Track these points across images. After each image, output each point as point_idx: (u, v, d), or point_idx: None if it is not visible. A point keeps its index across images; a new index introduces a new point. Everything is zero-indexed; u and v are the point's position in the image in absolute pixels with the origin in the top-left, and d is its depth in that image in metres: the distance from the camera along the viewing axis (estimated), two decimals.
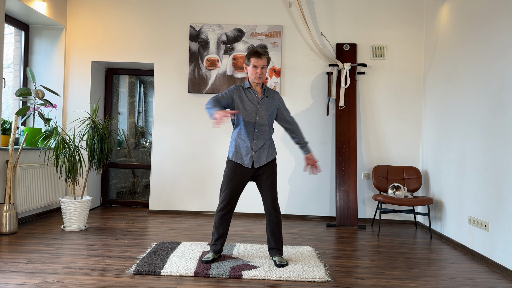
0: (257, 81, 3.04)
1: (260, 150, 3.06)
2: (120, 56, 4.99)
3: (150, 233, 3.95)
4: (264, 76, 3.05)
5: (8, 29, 4.69)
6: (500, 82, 3.23)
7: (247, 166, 3.04)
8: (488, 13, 3.47)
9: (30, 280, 2.59)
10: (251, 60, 3.00)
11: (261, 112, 3.04)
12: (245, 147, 3.04)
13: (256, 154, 3.05)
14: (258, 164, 3.05)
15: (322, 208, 4.90)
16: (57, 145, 3.93)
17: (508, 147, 3.09)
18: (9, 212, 3.73)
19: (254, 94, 3.06)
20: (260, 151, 3.06)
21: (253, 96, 3.06)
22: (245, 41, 4.91)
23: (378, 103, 4.89)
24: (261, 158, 3.06)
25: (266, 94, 3.09)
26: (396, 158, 4.87)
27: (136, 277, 2.74)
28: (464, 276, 2.99)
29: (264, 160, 3.07)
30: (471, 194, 3.61)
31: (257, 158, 3.05)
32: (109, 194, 5.45)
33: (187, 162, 4.97)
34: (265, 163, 3.07)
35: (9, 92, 4.70)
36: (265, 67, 3.03)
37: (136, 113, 5.51)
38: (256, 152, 3.04)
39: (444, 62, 4.27)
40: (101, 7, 4.99)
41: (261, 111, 3.04)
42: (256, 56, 2.99)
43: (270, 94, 3.11)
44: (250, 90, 3.07)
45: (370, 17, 4.91)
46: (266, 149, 3.08)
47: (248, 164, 3.03)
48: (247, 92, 3.07)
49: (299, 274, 2.82)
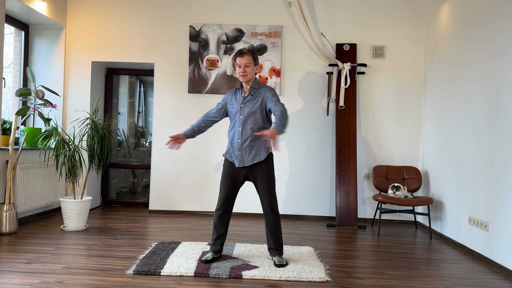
0: (242, 80, 3.07)
1: (244, 150, 3.04)
2: (120, 56, 4.99)
3: (150, 233, 3.95)
4: (249, 74, 3.05)
5: (8, 29, 4.69)
6: (500, 82, 3.23)
7: (237, 166, 3.06)
8: (488, 13, 3.47)
9: (30, 280, 2.59)
10: (236, 60, 3.07)
11: (244, 110, 3.07)
12: (233, 146, 3.09)
13: (240, 153, 3.05)
14: (242, 164, 3.04)
15: (322, 208, 4.90)
16: (57, 145, 3.93)
17: (508, 147, 3.09)
18: (9, 212, 3.73)
19: (241, 94, 3.12)
20: (244, 150, 3.04)
21: (240, 96, 3.12)
22: (245, 41, 4.91)
23: (378, 103, 4.89)
24: (245, 158, 3.04)
25: (251, 92, 3.10)
26: (396, 158, 4.87)
27: (136, 277, 2.74)
28: (464, 276, 2.99)
29: (249, 160, 3.03)
30: (471, 194, 3.61)
31: (241, 158, 3.05)
32: (109, 194, 5.45)
33: (187, 162, 4.97)
34: (250, 163, 3.03)
35: (9, 92, 4.70)
36: (250, 66, 3.03)
37: (136, 113, 5.51)
38: (240, 152, 3.05)
39: (444, 62, 4.27)
40: (101, 7, 4.99)
41: (244, 109, 3.07)
42: (238, 55, 3.05)
43: (256, 92, 3.09)
44: (239, 91, 3.15)
45: (370, 17, 4.91)
46: (251, 149, 3.04)
47: (237, 163, 3.06)
48: (236, 92, 3.16)
49: (299, 274, 2.82)
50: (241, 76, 3.05)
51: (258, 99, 3.07)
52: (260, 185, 3.06)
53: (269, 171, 3.07)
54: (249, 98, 3.08)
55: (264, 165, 3.06)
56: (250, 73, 3.05)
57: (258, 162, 3.05)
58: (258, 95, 3.09)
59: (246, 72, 3.04)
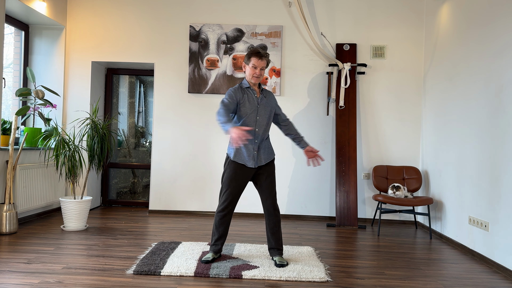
0: (254, 81, 3.06)
1: (262, 150, 3.09)
2: (120, 56, 4.99)
3: (150, 233, 3.95)
4: (262, 77, 3.09)
5: (8, 29, 4.69)
6: (500, 82, 3.23)
7: (251, 166, 3.04)
8: (488, 13, 3.47)
9: (30, 280, 2.59)
10: (251, 59, 3.02)
11: (261, 111, 3.06)
12: (246, 147, 3.04)
13: (258, 153, 3.07)
14: (258, 164, 3.07)
15: (322, 208, 4.90)
16: (57, 145, 3.93)
17: (508, 147, 3.09)
18: (9, 212, 3.73)
19: (253, 93, 3.08)
20: (261, 151, 3.09)
21: (253, 96, 3.07)
22: (245, 41, 4.91)
23: (378, 103, 4.89)
24: (261, 158, 3.08)
25: (264, 93, 3.12)
26: (396, 158, 4.87)
27: (136, 277, 2.74)
28: (464, 276, 2.99)
29: (263, 160, 3.09)
30: (471, 194, 3.61)
31: (258, 158, 3.07)
32: (109, 194, 5.45)
33: (187, 162, 4.97)
34: (264, 163, 3.08)
35: (9, 92, 4.70)
36: (264, 69, 3.07)
37: (136, 113, 5.51)
38: (257, 152, 3.06)
39: (444, 62, 4.27)
40: (101, 7, 4.99)
41: (261, 110, 3.06)
42: (257, 56, 3.01)
43: (267, 94, 3.16)
44: (250, 90, 3.08)
45: (370, 17, 4.91)
46: (265, 149, 3.11)
47: (252, 164, 3.04)
48: (247, 92, 3.08)
49: (299, 274, 2.82)
50: (255, 77, 3.04)
51: (270, 103, 3.13)
52: (264, 183, 3.08)
53: (273, 170, 3.14)
54: (264, 99, 3.10)
55: (271, 164, 3.14)
56: (262, 76, 3.10)
57: (269, 161, 3.12)
58: (269, 98, 3.14)
59: (262, 74, 3.06)
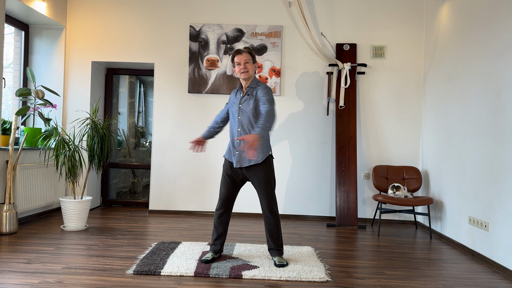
0: (243, 77, 3.05)
1: (242, 150, 3.02)
2: (120, 56, 4.99)
3: (150, 233, 3.95)
4: (250, 71, 3.04)
5: (8, 29, 4.69)
6: (500, 83, 3.23)
7: (235, 166, 3.04)
8: (488, 14, 3.47)
9: (30, 280, 2.59)
10: (234, 59, 3.07)
11: (242, 110, 3.06)
12: (232, 146, 3.09)
13: (239, 153, 3.03)
14: (239, 165, 3.02)
15: (322, 208, 4.90)
16: (57, 145, 3.94)
17: (508, 147, 3.09)
18: (9, 212, 3.73)
19: (239, 93, 3.11)
20: (242, 151, 3.02)
21: (238, 96, 3.11)
22: (245, 41, 4.91)
23: (378, 103, 4.89)
24: (243, 159, 3.01)
25: (248, 92, 3.07)
26: (396, 158, 4.87)
27: (136, 277, 2.74)
28: (464, 276, 2.99)
29: (247, 161, 3.00)
30: (471, 194, 3.61)
31: (239, 158, 3.02)
32: (109, 194, 5.45)
33: (187, 162, 4.97)
34: (247, 164, 3.00)
35: (9, 92, 4.70)
36: (249, 62, 3.04)
37: (136, 113, 5.51)
38: (238, 152, 3.03)
39: (444, 62, 4.27)
40: (101, 7, 4.99)
41: (242, 109, 3.06)
42: (237, 53, 3.06)
43: (253, 91, 3.06)
44: (238, 91, 3.14)
45: (370, 17, 4.91)
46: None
47: (235, 163, 3.04)
48: (236, 92, 3.15)
49: (299, 274, 2.82)
50: (243, 72, 3.02)
51: (252, 99, 3.03)
52: (257, 186, 3.03)
53: (267, 174, 3.01)
54: (246, 97, 3.06)
55: (262, 168, 3.00)
56: (251, 69, 3.05)
57: (256, 164, 3.00)
58: (252, 93, 3.05)
59: (247, 68, 3.02)
